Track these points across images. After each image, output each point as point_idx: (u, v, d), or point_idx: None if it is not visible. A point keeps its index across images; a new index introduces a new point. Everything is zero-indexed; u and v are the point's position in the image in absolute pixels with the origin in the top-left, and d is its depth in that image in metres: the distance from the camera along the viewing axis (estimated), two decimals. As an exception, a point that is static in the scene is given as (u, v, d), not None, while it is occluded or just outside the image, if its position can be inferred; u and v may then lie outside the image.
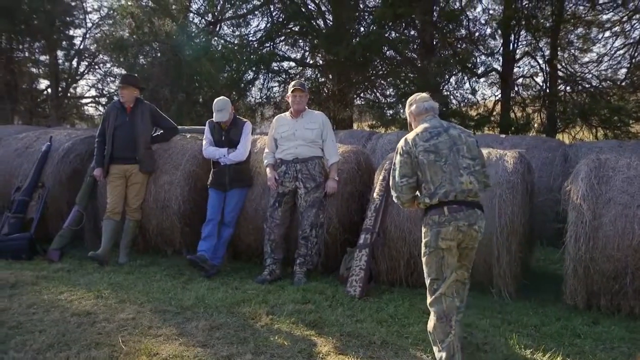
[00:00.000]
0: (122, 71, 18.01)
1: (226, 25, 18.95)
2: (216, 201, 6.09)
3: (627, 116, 15.65)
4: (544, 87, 17.61)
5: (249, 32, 18.59)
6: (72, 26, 20.84)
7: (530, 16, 15.97)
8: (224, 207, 6.10)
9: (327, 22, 17.95)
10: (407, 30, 17.56)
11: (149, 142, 6.56)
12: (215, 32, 18.47)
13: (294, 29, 18.28)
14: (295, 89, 5.91)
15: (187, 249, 6.29)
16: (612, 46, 17.15)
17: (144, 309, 4.65)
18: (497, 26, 16.56)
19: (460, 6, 17.09)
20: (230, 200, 6.10)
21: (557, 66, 17.00)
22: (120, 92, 6.56)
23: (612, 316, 4.86)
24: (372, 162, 6.96)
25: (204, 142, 6.30)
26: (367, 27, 17.40)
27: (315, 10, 18.23)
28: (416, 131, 3.80)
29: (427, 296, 3.65)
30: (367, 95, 18.92)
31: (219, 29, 18.85)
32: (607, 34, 17.00)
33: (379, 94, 18.57)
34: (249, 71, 17.54)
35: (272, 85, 18.85)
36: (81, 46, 20.94)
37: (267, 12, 18.26)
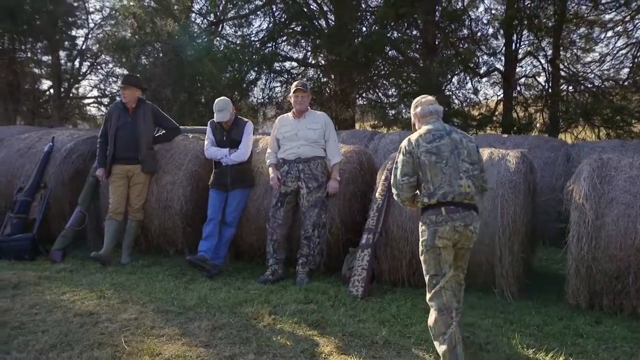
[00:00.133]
0: (124, 71, 18.05)
1: (228, 25, 18.99)
2: (217, 201, 6.09)
3: (630, 116, 15.64)
4: (547, 87, 17.61)
5: (251, 32, 18.65)
6: (75, 26, 20.89)
7: (532, 16, 15.96)
8: (226, 207, 6.10)
9: (329, 22, 17.96)
10: (410, 30, 17.56)
11: (151, 143, 6.57)
12: (217, 32, 18.49)
13: (296, 29, 18.29)
14: (297, 89, 5.92)
15: (189, 249, 6.30)
16: (614, 46, 17.19)
17: (146, 309, 4.66)
18: (499, 26, 16.56)
19: (462, 6, 17.08)
20: (232, 200, 6.10)
21: (560, 66, 16.99)
22: (122, 92, 6.56)
23: (614, 316, 4.86)
24: (374, 162, 6.97)
25: (206, 142, 6.30)
26: (369, 27, 17.41)
27: (317, 10, 18.24)
28: (420, 132, 3.90)
29: (427, 293, 3.74)
30: (369, 95, 18.92)
31: (221, 29, 18.88)
32: (610, 33, 17.01)
33: (381, 94, 18.58)
34: (251, 71, 17.56)
35: (274, 85, 18.90)
36: (83, 46, 21.02)
37: (269, 12, 18.29)
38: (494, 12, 17.70)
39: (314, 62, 19.12)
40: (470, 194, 3.74)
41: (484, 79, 18.24)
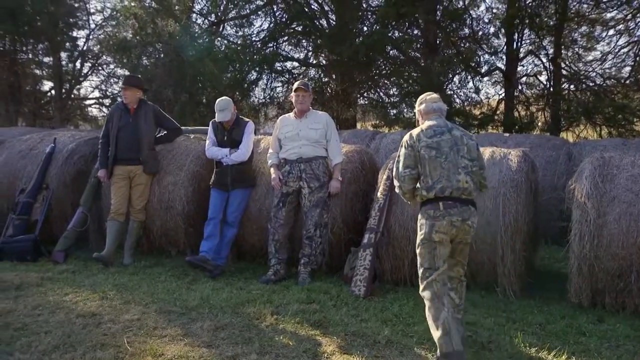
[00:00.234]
0: (125, 72, 18.06)
1: (229, 25, 19.00)
2: (217, 200, 6.10)
3: (632, 114, 15.62)
4: (548, 86, 17.60)
5: (252, 33, 18.63)
6: (76, 27, 20.88)
7: (533, 15, 15.92)
8: (227, 207, 6.10)
9: (330, 22, 17.96)
10: (411, 29, 17.55)
11: (153, 143, 6.57)
12: (218, 32, 18.50)
13: (297, 29, 18.29)
14: (297, 88, 5.92)
15: (191, 249, 6.29)
16: (616, 44, 17.15)
17: (149, 309, 4.66)
18: (500, 25, 16.53)
19: (463, 5, 17.06)
20: (233, 200, 6.11)
21: (561, 65, 16.96)
22: (123, 93, 6.57)
23: (617, 314, 4.85)
24: (376, 161, 6.96)
25: (207, 142, 6.31)
26: (370, 26, 17.39)
27: (318, 10, 18.24)
28: (422, 127, 4.02)
29: (420, 284, 3.84)
30: (371, 94, 18.91)
31: (222, 29, 18.89)
32: (611, 32, 16.98)
33: (382, 94, 18.58)
34: (252, 71, 17.55)
35: (275, 85, 18.89)
36: (84, 47, 21.02)
37: (270, 12, 18.29)
38: (495, 11, 17.69)
39: (315, 62, 19.12)
40: (468, 189, 3.83)
41: (486, 78, 18.22)
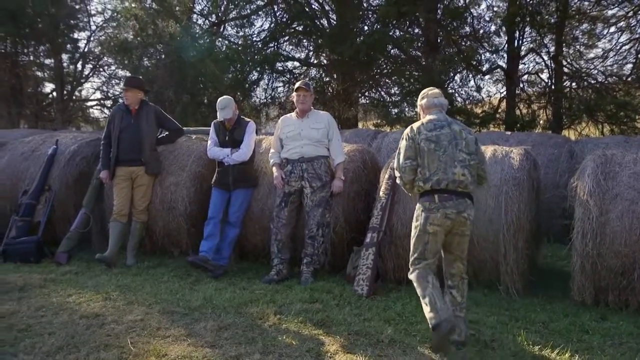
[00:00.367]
0: (126, 73, 18.05)
1: (230, 26, 18.98)
2: (218, 200, 6.11)
3: (633, 111, 15.56)
4: (550, 84, 17.54)
5: (253, 33, 18.59)
6: (77, 29, 20.86)
7: (534, 12, 15.88)
8: (229, 207, 6.11)
9: (331, 21, 17.93)
10: (411, 28, 17.50)
11: (155, 144, 6.59)
12: (219, 33, 18.49)
13: (298, 28, 18.25)
14: (299, 87, 5.93)
15: (193, 250, 6.29)
16: (617, 41, 17.05)
17: (152, 310, 4.67)
18: (501, 23, 16.49)
19: (464, 3, 17.03)
20: (235, 200, 6.11)
21: (563, 62, 16.91)
22: (124, 94, 6.59)
23: (620, 312, 4.85)
24: (378, 160, 6.96)
25: (209, 142, 6.32)
26: (371, 26, 17.36)
27: (319, 9, 18.21)
28: (422, 121, 4.19)
29: (410, 268, 4.09)
30: (372, 94, 18.87)
31: (222, 29, 18.88)
32: (613, 29, 16.90)
33: (383, 93, 18.54)
34: (253, 71, 17.53)
35: (276, 85, 18.84)
36: (86, 49, 20.98)
37: (270, 12, 18.26)
38: (496, 9, 17.65)
39: (316, 61, 19.10)
40: (464, 182, 3.97)
41: (487, 77, 18.15)
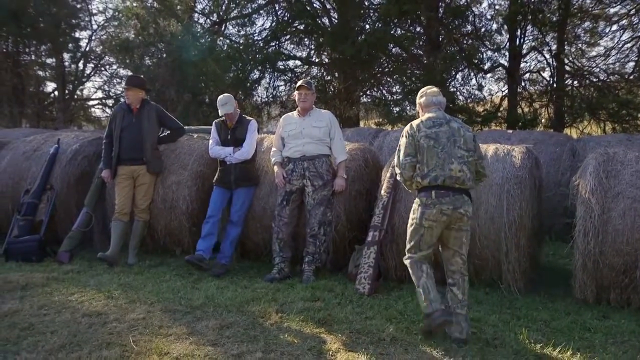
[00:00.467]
0: (128, 72, 18.08)
1: (231, 24, 19.01)
2: (218, 198, 6.11)
3: (635, 109, 15.56)
4: (551, 82, 17.54)
5: (254, 32, 18.62)
6: (78, 28, 20.91)
7: (536, 10, 15.87)
8: (231, 206, 6.12)
9: (333, 20, 17.94)
10: (413, 26, 17.50)
11: (156, 143, 6.59)
12: (220, 32, 18.50)
13: (299, 27, 18.27)
14: (300, 86, 5.93)
15: (194, 248, 6.29)
16: (619, 39, 17.07)
17: (154, 308, 4.68)
18: (503, 21, 16.49)
19: (465, 2, 17.01)
20: (237, 199, 6.11)
21: (564, 60, 16.91)
22: (125, 93, 6.59)
23: (622, 310, 4.84)
24: (379, 159, 6.96)
25: (210, 142, 6.32)
26: (372, 24, 17.35)
27: (320, 8, 18.21)
28: (421, 119, 4.30)
29: (406, 254, 4.27)
30: (373, 92, 18.90)
31: (224, 28, 18.89)
32: (615, 27, 16.91)
33: (385, 92, 18.55)
34: (254, 70, 17.57)
35: (278, 84, 18.88)
36: (87, 48, 21.04)
37: (272, 11, 18.29)
38: (497, 7, 17.64)
39: (317, 60, 19.12)
40: (461, 178, 4.06)
41: (489, 75, 18.20)
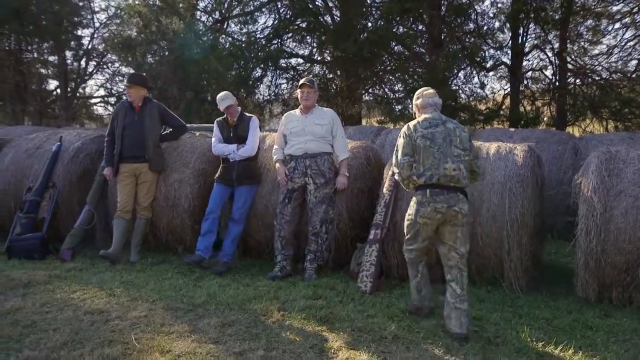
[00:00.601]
0: (130, 70, 18.05)
1: (233, 22, 18.97)
2: (219, 195, 6.12)
3: (638, 108, 15.50)
4: (554, 80, 17.48)
5: (257, 30, 18.58)
6: (80, 26, 20.87)
7: (539, 9, 15.82)
8: (233, 204, 6.12)
9: (335, 18, 17.91)
10: (415, 25, 17.46)
11: (158, 141, 6.59)
12: (222, 29, 18.49)
13: (302, 25, 18.23)
14: (303, 84, 5.94)
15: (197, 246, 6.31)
16: (622, 38, 17.01)
17: (156, 306, 4.68)
18: (505, 19, 16.42)
19: (468, 0, 16.99)
20: (239, 197, 6.12)
21: (567, 59, 16.85)
22: (127, 91, 6.59)
23: (624, 308, 4.85)
24: (382, 157, 6.96)
25: (213, 140, 6.34)
26: (374, 22, 17.30)
27: (322, 6, 18.18)
28: (418, 119, 4.45)
29: (404, 245, 4.49)
30: (376, 90, 18.85)
31: (226, 26, 18.87)
32: (617, 25, 16.82)
33: (387, 90, 18.50)
34: (256, 68, 17.55)
35: (280, 82, 18.84)
36: (89, 46, 20.99)
37: (274, 9, 18.26)
38: (500, 5, 17.51)
39: (319, 58, 19.08)
40: (456, 177, 4.18)
41: (491, 73, 18.11)
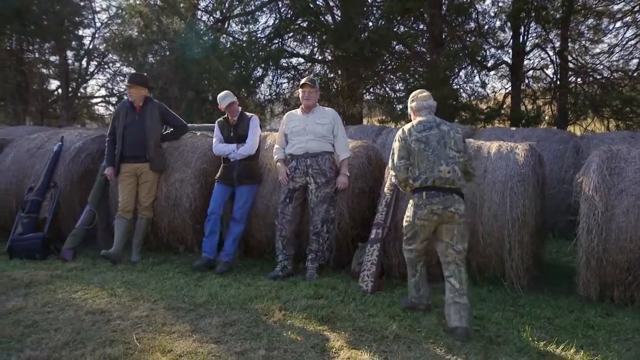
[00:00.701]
0: (131, 70, 18.05)
1: (234, 22, 18.99)
2: (220, 195, 6.12)
3: (639, 107, 15.51)
4: (555, 79, 17.48)
5: (258, 29, 18.61)
6: (81, 26, 20.89)
7: (540, 8, 15.81)
8: (234, 203, 6.12)
9: (336, 17, 17.92)
10: (416, 24, 17.46)
11: (159, 141, 6.59)
12: (223, 29, 18.50)
13: (303, 24, 18.25)
14: (304, 84, 5.93)
15: (198, 246, 6.30)
16: (623, 37, 16.99)
17: (157, 306, 4.68)
18: (506, 18, 16.41)
19: (469, -1, 16.99)
20: (239, 197, 6.12)
21: (568, 58, 16.85)
22: (128, 91, 6.59)
23: (625, 307, 4.84)
24: (383, 157, 6.94)
25: (214, 139, 6.34)
26: (375, 21, 17.31)
27: (323, 5, 18.20)
28: (413, 123, 4.51)
29: (404, 243, 4.56)
30: (377, 90, 18.86)
31: (227, 26, 18.89)
32: (618, 24, 16.82)
33: (388, 89, 18.50)
34: (257, 68, 17.57)
35: (281, 81, 18.87)
36: (90, 46, 21.00)
37: (275, 8, 18.27)
38: (501, 4, 17.52)
39: (320, 57, 19.08)
40: (451, 178, 4.24)
41: (492, 72, 18.12)
